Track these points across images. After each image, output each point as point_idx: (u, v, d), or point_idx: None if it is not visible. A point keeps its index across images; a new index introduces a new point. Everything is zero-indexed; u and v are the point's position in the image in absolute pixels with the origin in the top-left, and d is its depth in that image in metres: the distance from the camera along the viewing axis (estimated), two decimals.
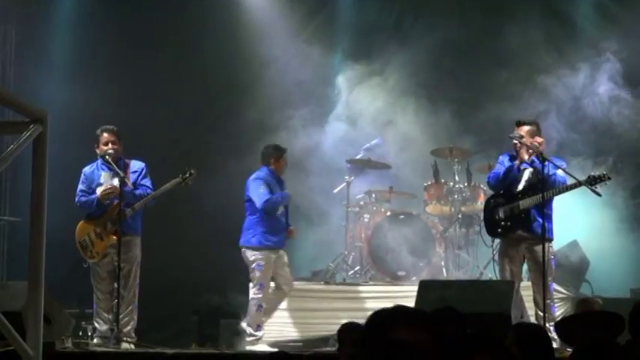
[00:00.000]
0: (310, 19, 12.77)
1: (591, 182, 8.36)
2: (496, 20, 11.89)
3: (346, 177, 11.14)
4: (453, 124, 11.60)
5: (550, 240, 8.62)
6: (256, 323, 9.45)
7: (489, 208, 8.94)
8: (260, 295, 9.53)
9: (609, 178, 8.46)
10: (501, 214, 8.74)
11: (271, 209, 9.61)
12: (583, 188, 8.49)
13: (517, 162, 8.73)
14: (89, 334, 9.46)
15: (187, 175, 9.28)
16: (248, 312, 9.58)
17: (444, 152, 11.10)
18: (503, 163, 8.88)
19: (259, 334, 9.47)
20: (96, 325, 9.19)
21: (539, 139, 8.68)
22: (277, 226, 9.68)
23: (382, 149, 11.44)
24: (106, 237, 9.12)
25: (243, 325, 9.58)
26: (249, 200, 9.75)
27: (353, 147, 11.64)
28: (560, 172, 8.56)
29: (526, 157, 8.67)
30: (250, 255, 9.59)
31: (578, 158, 10.85)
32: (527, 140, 8.67)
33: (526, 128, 8.77)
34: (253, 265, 9.55)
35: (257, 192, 9.64)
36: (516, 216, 8.65)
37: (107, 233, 9.11)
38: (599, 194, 8.45)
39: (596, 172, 8.54)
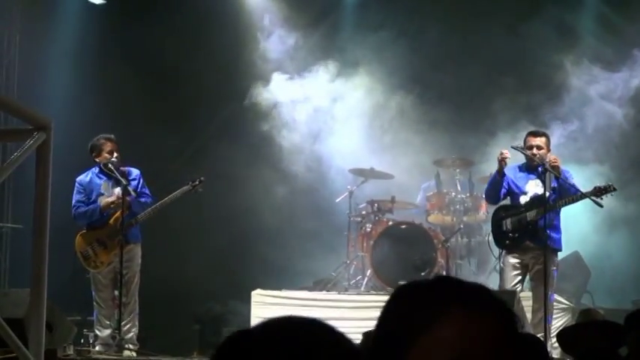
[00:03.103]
0: (314, 27, 12.77)
1: (597, 193, 8.36)
2: (502, 29, 11.90)
3: (349, 186, 11.15)
4: (455, 134, 11.62)
5: (559, 250, 8.74)
6: None
7: (496, 220, 8.99)
8: None
9: (615, 189, 8.44)
10: (509, 226, 8.78)
11: None
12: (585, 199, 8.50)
13: (497, 168, 8.75)
14: (91, 341, 9.44)
15: (197, 183, 9.24)
16: None
17: (447, 162, 11.12)
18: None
19: None
20: (97, 332, 9.18)
21: (552, 157, 8.65)
22: None
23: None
24: (110, 246, 9.08)
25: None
26: None
27: (356, 157, 11.67)
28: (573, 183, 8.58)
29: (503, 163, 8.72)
30: None
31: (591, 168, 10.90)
32: (543, 152, 8.68)
33: (544, 139, 8.78)
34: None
35: None
36: (524, 227, 8.67)
37: (112, 243, 9.07)
38: (601, 205, 8.48)
39: (602, 184, 8.56)
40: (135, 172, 9.26)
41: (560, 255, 9.62)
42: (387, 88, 12.05)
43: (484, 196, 9.31)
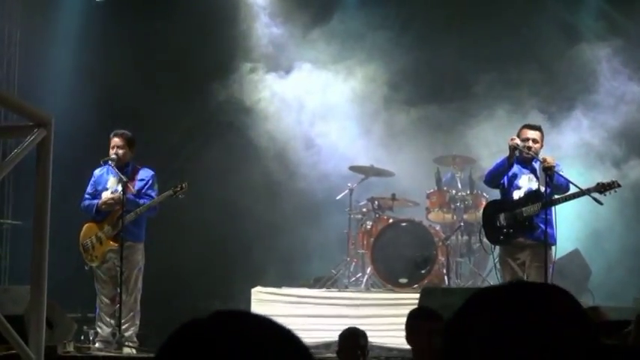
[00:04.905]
0: (314, 23, 12.74)
1: (600, 189, 8.20)
2: (502, 28, 11.90)
3: (349, 184, 11.14)
4: (455, 132, 11.62)
5: (553, 245, 8.53)
6: None
7: (488, 214, 8.84)
8: None
9: (619, 185, 8.26)
10: (502, 221, 8.61)
11: None
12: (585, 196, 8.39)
13: (509, 154, 8.56)
14: (91, 338, 9.46)
15: (179, 189, 9.25)
16: None
17: (447, 160, 11.11)
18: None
19: None
20: (98, 329, 9.19)
21: (549, 158, 8.43)
22: None
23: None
24: (105, 242, 9.12)
25: None
26: None
27: (356, 154, 11.67)
28: (561, 174, 8.39)
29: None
30: None
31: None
32: (538, 146, 8.59)
33: (539, 133, 8.66)
34: None
35: None
36: (519, 223, 8.51)
37: (106, 238, 9.12)
38: (601, 203, 8.30)
39: (606, 180, 8.34)
40: (146, 173, 9.27)
41: (560, 253, 9.61)
42: (388, 85, 12.04)
43: (485, 177, 9.02)
